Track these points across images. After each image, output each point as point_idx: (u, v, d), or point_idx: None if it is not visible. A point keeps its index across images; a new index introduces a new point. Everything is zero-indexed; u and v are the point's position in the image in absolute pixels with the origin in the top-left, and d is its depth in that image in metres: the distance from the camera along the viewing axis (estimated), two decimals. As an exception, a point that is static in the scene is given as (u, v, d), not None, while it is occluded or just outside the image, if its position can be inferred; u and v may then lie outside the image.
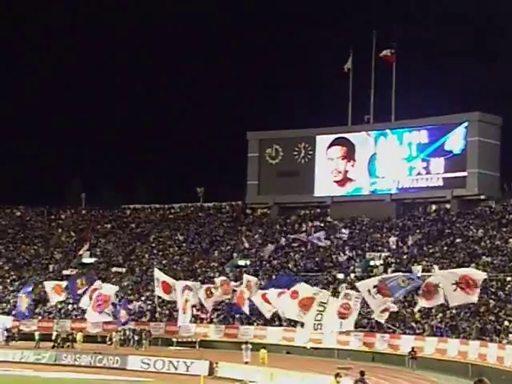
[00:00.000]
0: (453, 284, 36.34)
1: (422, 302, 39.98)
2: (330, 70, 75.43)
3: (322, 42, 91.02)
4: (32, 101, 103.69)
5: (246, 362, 46.95)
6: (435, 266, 57.54)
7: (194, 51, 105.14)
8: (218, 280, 55.74)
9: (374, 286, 37.72)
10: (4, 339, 61.80)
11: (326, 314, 39.29)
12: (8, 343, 60.78)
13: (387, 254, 65.54)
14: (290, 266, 68.99)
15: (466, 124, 69.20)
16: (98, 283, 58.00)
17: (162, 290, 52.81)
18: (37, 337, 60.97)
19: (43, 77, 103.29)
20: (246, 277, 54.33)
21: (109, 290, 56.60)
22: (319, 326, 39.63)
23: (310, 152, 76.80)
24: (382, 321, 46.59)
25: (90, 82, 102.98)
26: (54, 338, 60.07)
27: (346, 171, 75.13)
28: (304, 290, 41.07)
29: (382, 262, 64.45)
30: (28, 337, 62.61)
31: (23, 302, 60.85)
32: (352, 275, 63.81)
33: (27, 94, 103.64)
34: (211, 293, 53.08)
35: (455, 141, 69.46)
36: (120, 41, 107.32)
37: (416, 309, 49.18)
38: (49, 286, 60.89)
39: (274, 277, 67.67)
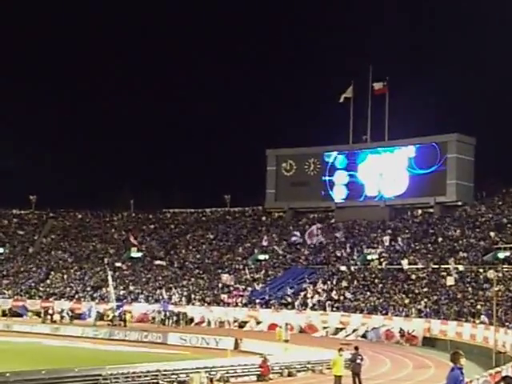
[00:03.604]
0: None
1: None
2: (336, 98, 75.72)
3: (330, 75, 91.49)
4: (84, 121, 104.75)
5: (286, 341, 46.17)
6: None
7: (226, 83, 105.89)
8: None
9: None
10: (69, 318, 62.60)
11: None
12: (72, 321, 61.59)
13: (382, 250, 65.53)
14: (301, 260, 69.31)
15: (446, 143, 69.46)
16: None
17: None
18: (94, 316, 61.74)
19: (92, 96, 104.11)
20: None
21: None
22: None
23: (318, 166, 77.13)
24: None
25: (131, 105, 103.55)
26: (110, 318, 60.75)
27: (348, 182, 75.39)
28: None
29: (377, 256, 64.33)
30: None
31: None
32: (352, 268, 64.11)
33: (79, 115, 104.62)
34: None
35: (437, 157, 69.61)
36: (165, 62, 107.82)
37: None
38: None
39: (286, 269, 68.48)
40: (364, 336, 51.48)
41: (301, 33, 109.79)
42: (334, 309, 57.12)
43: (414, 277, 58.11)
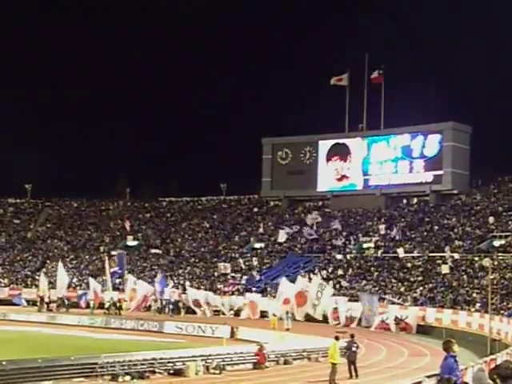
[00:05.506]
0: None
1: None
2: (332, 87, 75.63)
3: (327, 64, 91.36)
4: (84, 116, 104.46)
5: (287, 329, 46.44)
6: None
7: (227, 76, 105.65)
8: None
9: None
10: (65, 307, 62.53)
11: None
12: (68, 310, 61.57)
13: (377, 238, 65.68)
14: (296, 248, 69.37)
15: (442, 132, 69.51)
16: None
17: None
18: (91, 305, 61.70)
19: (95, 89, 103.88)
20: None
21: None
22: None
23: (314, 154, 77.09)
24: None
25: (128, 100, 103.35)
26: (106, 306, 60.65)
27: (343, 170, 75.32)
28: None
29: (373, 245, 64.52)
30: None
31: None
32: (348, 256, 64.20)
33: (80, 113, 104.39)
34: None
35: (433, 145, 69.67)
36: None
37: None
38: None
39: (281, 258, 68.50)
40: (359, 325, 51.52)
41: (298, 21, 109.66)
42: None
43: (409, 265, 58.25)
